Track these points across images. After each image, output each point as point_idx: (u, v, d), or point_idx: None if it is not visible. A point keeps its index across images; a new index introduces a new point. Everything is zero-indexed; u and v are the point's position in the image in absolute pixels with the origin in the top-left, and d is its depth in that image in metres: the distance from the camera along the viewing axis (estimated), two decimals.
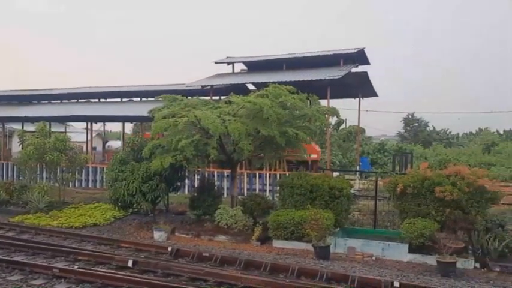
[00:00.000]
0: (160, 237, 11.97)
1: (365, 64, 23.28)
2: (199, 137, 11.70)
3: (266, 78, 19.90)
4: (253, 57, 25.48)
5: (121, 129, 34.71)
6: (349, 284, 8.03)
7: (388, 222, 13.20)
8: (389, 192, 11.66)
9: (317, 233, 10.19)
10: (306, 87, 15.88)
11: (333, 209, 11.55)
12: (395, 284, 7.80)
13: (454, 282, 8.39)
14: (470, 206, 10.37)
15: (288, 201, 12.10)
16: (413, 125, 59.69)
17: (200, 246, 11.27)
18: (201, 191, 13.77)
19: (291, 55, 23.85)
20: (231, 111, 12.24)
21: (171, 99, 13.68)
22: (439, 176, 10.89)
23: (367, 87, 23.89)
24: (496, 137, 53.41)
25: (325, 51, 22.94)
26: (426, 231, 9.88)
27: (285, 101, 12.06)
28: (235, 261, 9.41)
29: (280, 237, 11.17)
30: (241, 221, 12.24)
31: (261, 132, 11.53)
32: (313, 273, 8.55)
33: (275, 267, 9.02)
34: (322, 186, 11.77)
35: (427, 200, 10.77)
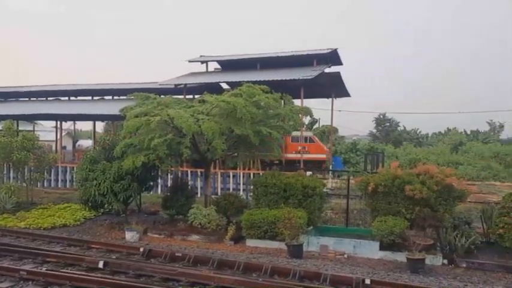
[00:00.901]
0: (132, 238, 11.80)
1: (338, 64, 23.60)
2: (172, 136, 11.58)
3: (240, 77, 19.89)
4: (227, 57, 25.45)
5: (92, 128, 34.04)
6: (321, 282, 8.11)
7: (360, 221, 13.42)
8: (361, 191, 11.87)
9: (290, 231, 10.24)
10: (279, 86, 15.97)
11: (306, 207, 11.65)
12: (367, 281, 7.92)
13: (422, 279, 8.59)
14: (439, 204, 10.64)
15: (261, 200, 12.13)
16: (385, 125, 60.80)
17: (173, 246, 11.17)
18: (174, 190, 13.65)
19: (264, 55, 23.92)
20: (205, 110, 12.18)
21: (143, 97, 13.50)
22: (409, 175, 11.13)
23: (340, 87, 24.20)
24: (463, 136, 55.06)
25: (298, 51, 23.14)
26: (396, 229, 10.08)
27: (259, 100, 12.08)
28: (208, 260, 9.36)
29: (253, 236, 11.19)
30: (215, 221, 12.19)
31: (235, 132, 11.52)
32: (286, 271, 8.59)
33: (248, 267, 9.01)
34: (295, 186, 11.85)
35: (397, 198, 10.98)
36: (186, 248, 10.93)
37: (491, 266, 9.46)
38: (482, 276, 8.97)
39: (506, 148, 44.65)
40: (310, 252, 10.55)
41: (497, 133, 61.78)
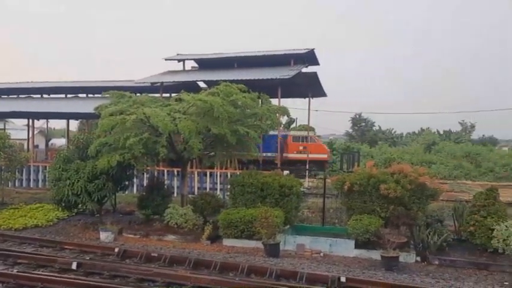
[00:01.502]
0: (107, 238, 11.61)
1: (315, 65, 23.78)
2: (148, 135, 11.44)
3: (217, 76, 19.81)
4: (204, 55, 25.32)
5: (65, 127, 33.34)
6: (297, 280, 8.16)
7: (336, 219, 13.55)
8: (337, 190, 11.98)
9: (267, 230, 10.28)
10: (257, 86, 15.97)
11: (283, 207, 11.69)
12: (342, 279, 8.03)
13: (396, 276, 8.75)
14: (412, 203, 10.85)
15: (238, 199, 12.13)
16: (361, 125, 61.66)
17: (149, 246, 11.05)
18: (150, 190, 13.49)
19: (242, 54, 23.88)
20: (182, 109, 12.08)
21: (118, 96, 13.31)
22: (384, 174, 11.31)
23: (316, 87, 24.40)
24: (436, 136, 56.33)
25: (276, 51, 23.21)
26: (371, 227, 10.23)
27: (236, 99, 12.06)
28: (184, 260, 9.31)
29: (230, 235, 11.17)
30: (192, 220, 12.12)
31: (212, 131, 11.47)
32: (263, 270, 8.62)
33: (225, 266, 9.01)
34: (272, 185, 11.88)
35: (372, 197, 11.15)
36: (162, 248, 10.83)
37: (462, 262, 9.70)
38: (453, 272, 9.19)
39: (477, 148, 45.91)
40: (286, 251, 10.60)
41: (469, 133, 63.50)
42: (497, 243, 9.73)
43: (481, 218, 10.09)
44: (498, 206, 10.30)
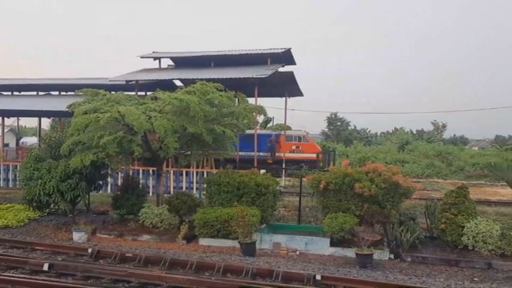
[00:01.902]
0: (80, 239, 11.39)
1: (292, 64, 23.91)
2: (123, 133, 11.28)
3: (194, 74, 19.71)
4: (180, 53, 25.12)
5: (37, 125, 32.54)
6: (273, 279, 8.19)
7: (312, 218, 13.67)
8: (313, 189, 12.08)
9: (243, 229, 10.28)
10: (234, 85, 15.96)
11: (260, 205, 11.72)
12: (317, 277, 8.09)
13: (370, 273, 8.89)
14: (386, 201, 11.03)
15: (215, 198, 12.09)
16: (336, 124, 62.34)
17: (123, 246, 10.89)
18: (124, 189, 13.30)
19: (219, 52, 23.81)
20: (157, 107, 11.96)
21: (92, 93, 13.07)
22: (359, 172, 11.46)
23: (293, 86, 24.53)
24: (409, 136, 57.49)
25: (253, 50, 23.23)
26: (346, 226, 10.36)
27: (213, 98, 12.02)
28: (160, 260, 9.21)
29: (206, 235, 11.12)
30: (167, 220, 12.01)
31: (188, 130, 11.39)
32: (239, 269, 8.61)
33: (201, 266, 8.96)
34: (249, 184, 11.89)
35: (347, 195, 11.28)
36: (137, 248, 10.69)
37: (433, 259, 9.93)
38: (425, 269, 9.40)
39: (449, 147, 47.08)
40: (263, 249, 10.63)
41: (440, 133, 65.08)
42: (467, 240, 10.00)
43: (451, 216, 10.34)
44: (468, 204, 10.58)
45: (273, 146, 31.36)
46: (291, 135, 31.94)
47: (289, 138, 31.47)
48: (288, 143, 31.14)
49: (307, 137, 32.83)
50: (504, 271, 9.27)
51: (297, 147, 30.92)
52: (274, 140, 31.41)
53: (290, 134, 32.17)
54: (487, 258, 9.73)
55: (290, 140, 31.33)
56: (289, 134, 32.09)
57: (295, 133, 32.72)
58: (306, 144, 31.27)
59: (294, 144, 31.08)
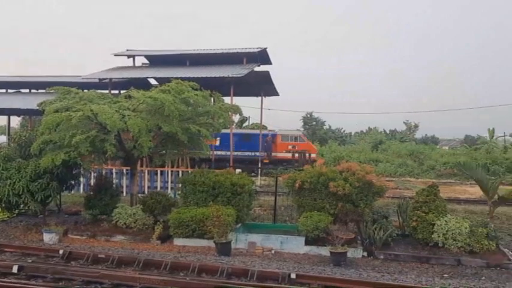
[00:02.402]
0: (51, 240, 11.12)
1: (267, 64, 24.00)
2: (95, 132, 11.07)
3: (169, 73, 19.56)
4: (155, 51, 24.88)
5: (6, 123, 31.61)
6: (248, 278, 8.21)
7: (287, 217, 13.76)
8: (288, 188, 12.15)
9: (219, 229, 10.24)
10: (209, 84, 15.89)
11: (235, 205, 11.70)
12: (292, 276, 8.15)
13: (344, 271, 9.00)
14: (360, 200, 11.20)
15: (190, 198, 12.01)
16: (312, 124, 62.90)
17: (96, 247, 10.70)
18: (97, 189, 13.06)
19: (194, 51, 23.71)
20: (131, 106, 11.79)
21: (64, 91, 12.78)
22: (333, 172, 11.59)
23: (269, 86, 24.62)
24: (383, 135, 58.55)
25: (228, 49, 23.22)
26: (321, 224, 10.46)
27: (188, 97, 11.92)
28: (133, 261, 9.09)
29: (181, 235, 11.03)
30: (141, 220, 11.86)
31: (163, 129, 11.28)
32: (214, 269, 8.58)
33: (176, 266, 8.89)
34: (224, 183, 11.86)
35: (322, 194, 11.39)
36: (110, 249, 10.52)
37: (405, 256, 10.14)
38: (397, 266, 9.59)
39: (420, 147, 48.17)
40: (238, 249, 10.62)
41: (413, 132, 66.54)
42: (437, 238, 10.25)
43: (423, 214, 10.57)
44: (439, 202, 10.84)
45: (269, 146, 31.52)
46: (287, 135, 32.16)
47: (286, 138, 31.69)
48: (284, 143, 31.34)
49: (303, 137, 33.14)
50: (472, 267, 9.54)
51: (293, 147, 31.16)
52: (270, 140, 31.57)
53: (286, 134, 32.36)
54: (456, 255, 10.00)
55: (286, 140, 31.54)
56: (285, 134, 32.26)
57: (291, 133, 33.02)
58: (302, 144, 31.57)
59: (290, 144, 31.30)
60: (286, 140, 31.77)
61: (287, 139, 31.81)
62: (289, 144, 31.48)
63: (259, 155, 30.07)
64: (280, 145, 31.52)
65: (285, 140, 31.74)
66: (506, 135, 57.13)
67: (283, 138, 31.84)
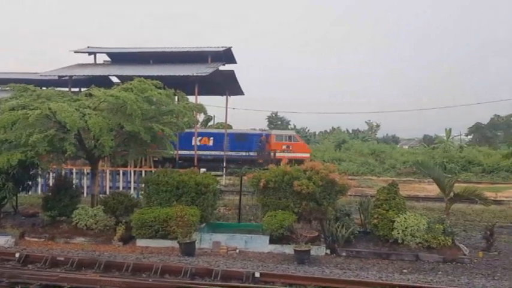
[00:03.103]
0: (6, 243, 10.68)
1: (232, 63, 23.97)
2: (54, 131, 10.72)
3: (131, 71, 19.15)
4: (117, 49, 24.37)
5: None
6: (212, 278, 8.17)
7: (252, 216, 13.80)
8: (253, 187, 12.18)
9: (183, 229, 10.16)
10: (173, 83, 15.68)
11: (199, 205, 11.63)
12: (256, 274, 8.19)
13: (308, 268, 9.11)
14: (323, 198, 11.37)
15: (153, 198, 11.83)
16: (277, 123, 63.33)
17: (55, 250, 10.36)
18: (56, 190, 12.65)
19: (158, 49, 23.38)
20: (92, 104, 11.50)
21: (21, 89, 12.33)
22: (297, 171, 11.71)
23: (234, 85, 24.59)
24: (346, 135, 59.71)
25: (193, 48, 23.03)
26: (285, 223, 10.54)
27: (151, 96, 11.74)
28: (94, 263, 8.85)
29: (144, 235, 10.85)
30: (102, 221, 11.59)
31: (125, 128, 11.05)
32: (178, 270, 8.49)
33: (138, 267, 8.72)
34: (188, 183, 11.76)
35: (286, 193, 11.49)
36: (70, 251, 10.21)
37: (367, 253, 10.38)
38: (359, 263, 9.80)
39: (382, 146, 49.45)
40: (202, 249, 10.56)
41: (374, 132, 68.23)
42: (397, 234, 10.54)
43: (383, 211, 10.85)
44: (398, 200, 11.15)
45: (263, 146, 31.53)
46: (281, 135, 32.35)
47: (280, 138, 31.82)
48: (278, 143, 31.44)
49: (297, 136, 33.30)
50: (430, 262, 9.89)
51: (288, 147, 31.32)
52: (264, 140, 31.60)
53: (280, 134, 32.53)
54: (415, 250, 10.32)
55: (280, 140, 31.66)
56: (279, 134, 32.42)
57: (285, 133, 33.33)
58: (296, 144, 31.80)
59: (285, 144, 31.46)
60: (281, 139, 32.01)
61: (281, 139, 32.04)
62: (284, 144, 31.71)
63: (253, 155, 30.24)
64: (275, 145, 31.71)
65: (279, 139, 31.96)
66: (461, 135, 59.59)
67: (278, 138, 32.04)
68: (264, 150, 31.41)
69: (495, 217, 15.46)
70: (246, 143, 31.59)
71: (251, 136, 32.25)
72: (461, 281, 8.51)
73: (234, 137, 31.79)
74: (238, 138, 31.76)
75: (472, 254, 10.42)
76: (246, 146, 31.46)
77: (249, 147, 31.27)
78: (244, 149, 31.32)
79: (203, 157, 27.91)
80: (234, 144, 31.08)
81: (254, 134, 33.29)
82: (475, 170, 37.55)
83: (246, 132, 34.56)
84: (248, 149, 31.27)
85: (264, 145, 31.71)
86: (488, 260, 10.23)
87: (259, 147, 31.48)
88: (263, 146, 31.64)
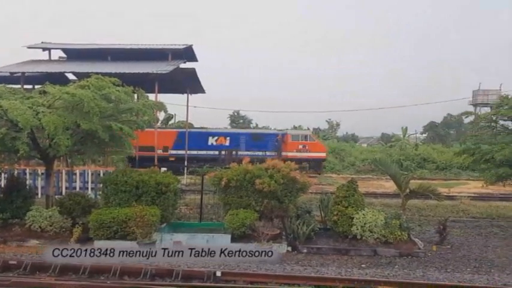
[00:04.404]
0: None
1: (193, 61, 23.74)
2: (5, 130, 10.23)
3: (88, 68, 18.61)
4: (73, 45, 23.61)
5: None
6: (173, 278, 8.07)
7: (214, 215, 13.72)
8: (215, 186, 12.13)
9: (142, 230, 9.98)
10: (133, 80, 15.37)
11: (160, 204, 11.45)
12: (218, 274, 8.16)
13: (269, 266, 9.17)
14: (284, 196, 11.48)
15: (112, 199, 11.54)
16: (239, 122, 63.36)
17: (7, 253, 9.89)
18: (8, 191, 12.10)
19: (116, 46, 22.83)
20: (46, 102, 11.08)
21: None
22: (259, 169, 11.76)
23: (195, 83, 24.37)
24: None
25: (152, 45, 22.65)
26: (247, 221, 10.56)
27: (109, 93, 11.44)
28: (49, 266, 8.52)
29: (102, 237, 10.54)
30: (58, 223, 11.19)
31: (82, 126, 10.71)
32: (137, 271, 8.32)
33: (96, 269, 8.47)
34: (148, 183, 11.54)
35: (248, 192, 11.50)
36: (23, 254, 9.79)
37: (327, 249, 10.55)
38: (319, 259, 9.95)
39: (341, 144, 50.43)
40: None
41: (335, 130, 69.56)
42: (356, 230, 10.79)
43: (343, 208, 11.07)
44: (357, 197, 11.42)
45: (279, 145, 31.58)
46: (297, 135, 32.54)
47: (296, 138, 31.92)
48: (294, 143, 31.55)
49: (312, 136, 33.38)
50: (387, 257, 10.19)
51: (303, 146, 31.47)
52: (280, 140, 31.65)
53: (296, 134, 32.72)
54: (372, 246, 10.60)
55: (296, 140, 31.78)
56: (295, 134, 32.60)
57: (301, 132, 33.52)
58: (312, 144, 31.95)
59: (301, 143, 31.61)
60: (297, 139, 32.20)
61: (297, 138, 32.24)
62: (300, 144, 31.90)
63: (269, 154, 30.40)
64: (291, 144, 31.83)
65: (295, 139, 32.14)
66: (417, 133, 61.73)
67: (293, 138, 32.20)
68: (280, 150, 31.79)
69: (448, 212, 16.15)
70: (262, 142, 32.21)
71: (267, 136, 32.89)
72: (417, 274, 8.83)
73: (251, 137, 32.54)
74: (254, 138, 32.32)
75: (427, 248, 10.83)
76: (263, 146, 31.85)
77: (265, 147, 31.68)
78: (261, 148, 31.78)
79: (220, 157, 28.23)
80: (250, 144, 31.53)
81: (270, 133, 33.96)
82: (429, 167, 39.05)
83: (263, 132, 35.89)
84: (264, 149, 31.64)
85: (280, 145, 32.07)
86: (441, 253, 10.66)
87: (276, 147, 31.88)
88: (279, 145, 32.00)
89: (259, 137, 32.73)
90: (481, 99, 53.16)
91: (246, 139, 32.00)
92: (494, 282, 8.40)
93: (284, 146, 32.09)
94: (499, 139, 13.46)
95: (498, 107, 15.02)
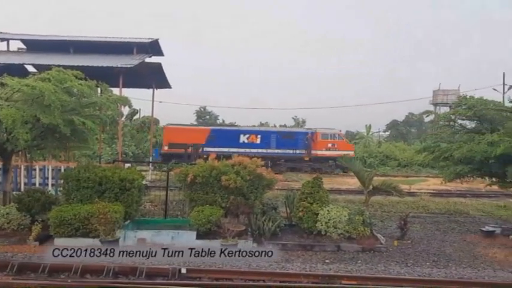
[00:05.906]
0: None
1: (159, 55, 23.35)
2: None
3: (49, 60, 17.98)
4: (34, 36, 22.75)
5: None
6: (137, 276, 7.94)
7: (179, 211, 13.59)
8: (181, 182, 12.02)
9: (105, 227, 9.75)
10: (96, 74, 14.94)
11: (124, 201, 11.23)
12: (183, 271, 8.09)
13: (235, 263, 9.16)
14: (251, 192, 11.51)
15: (73, 195, 11.23)
16: (205, 118, 62.99)
17: None
18: None
19: (79, 38, 22.13)
20: (4, 95, 10.64)
21: None
22: (225, 165, 11.74)
23: (161, 78, 23.98)
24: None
25: (117, 38, 22.13)
26: (213, 218, 10.53)
27: (71, 86, 11.11)
28: (6, 265, 8.20)
29: (63, 234, 10.23)
30: (16, 220, 10.81)
31: (42, 120, 10.35)
32: (100, 269, 8.12)
33: (56, 268, 8.21)
34: (112, 179, 11.30)
35: (214, 188, 11.47)
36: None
37: (292, 245, 10.67)
38: (285, 255, 10.04)
39: None
40: (127, 247, 10.19)
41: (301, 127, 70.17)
42: (320, 226, 10.96)
43: (308, 204, 11.22)
44: (322, 193, 11.59)
45: (309, 143, 31.62)
46: (327, 133, 32.58)
47: (325, 136, 32.07)
48: (324, 141, 31.75)
49: (341, 134, 33.51)
50: (350, 252, 10.41)
51: (333, 145, 31.68)
52: (310, 138, 31.74)
53: (326, 132, 32.72)
54: (336, 241, 10.80)
55: (326, 138, 31.92)
56: (324, 132, 32.56)
57: (330, 131, 33.61)
58: (341, 142, 32.19)
59: (330, 142, 31.87)
60: (326, 138, 32.42)
61: (326, 137, 32.48)
62: (329, 142, 32.12)
63: (299, 152, 30.34)
64: (320, 143, 31.89)
65: (324, 138, 32.38)
66: (380, 131, 63.29)
67: (323, 136, 32.36)
68: (310, 148, 31.98)
69: (409, 208, 16.65)
70: (292, 141, 32.55)
71: (297, 134, 33.24)
72: (378, 268, 9.05)
73: (281, 135, 33.01)
74: (285, 136, 32.63)
75: (388, 243, 11.14)
76: (293, 144, 31.97)
77: (295, 145, 31.83)
78: (291, 146, 32.14)
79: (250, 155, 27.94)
80: (281, 142, 31.76)
81: (300, 132, 34.39)
82: (391, 164, 40.12)
83: (293, 130, 37.20)
84: (294, 147, 31.59)
85: (309, 143, 32.21)
86: (402, 248, 10.98)
87: (305, 145, 32.01)
88: (309, 144, 32.14)
89: (289, 135, 33.36)
90: (441, 98, 55.11)
91: (276, 137, 32.58)
92: (452, 275, 8.72)
93: (314, 144, 32.50)
94: (457, 138, 13.96)
95: (457, 106, 15.57)
